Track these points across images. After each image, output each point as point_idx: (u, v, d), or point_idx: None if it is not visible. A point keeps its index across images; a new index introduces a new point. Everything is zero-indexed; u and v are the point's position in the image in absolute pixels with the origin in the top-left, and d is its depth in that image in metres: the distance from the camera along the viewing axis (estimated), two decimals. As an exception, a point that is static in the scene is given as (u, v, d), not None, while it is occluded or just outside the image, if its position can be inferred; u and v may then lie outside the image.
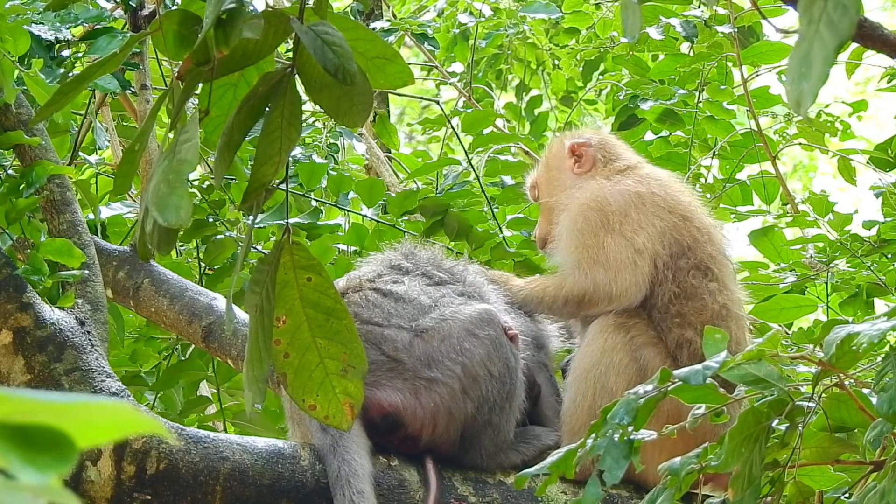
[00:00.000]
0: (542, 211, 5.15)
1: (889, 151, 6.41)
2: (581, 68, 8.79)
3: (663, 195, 4.89)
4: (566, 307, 4.80)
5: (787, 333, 6.00)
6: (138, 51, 5.52)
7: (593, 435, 3.13)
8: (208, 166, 6.36)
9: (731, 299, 4.76)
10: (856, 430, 3.51)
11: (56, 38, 4.85)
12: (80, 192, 5.50)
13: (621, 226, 4.77)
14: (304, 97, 3.11)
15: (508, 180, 6.59)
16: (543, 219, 5.12)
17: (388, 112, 8.82)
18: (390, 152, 8.12)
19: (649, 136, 7.50)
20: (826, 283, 6.08)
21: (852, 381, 3.39)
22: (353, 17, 7.99)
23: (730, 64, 7.42)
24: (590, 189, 4.92)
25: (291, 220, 5.87)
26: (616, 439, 3.08)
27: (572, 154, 5.06)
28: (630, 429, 3.09)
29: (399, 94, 9.19)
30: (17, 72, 4.47)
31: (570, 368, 4.68)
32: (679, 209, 4.84)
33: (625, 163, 5.03)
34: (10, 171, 4.71)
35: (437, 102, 7.90)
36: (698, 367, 3.14)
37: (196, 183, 5.98)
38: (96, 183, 6.55)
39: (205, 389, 6.19)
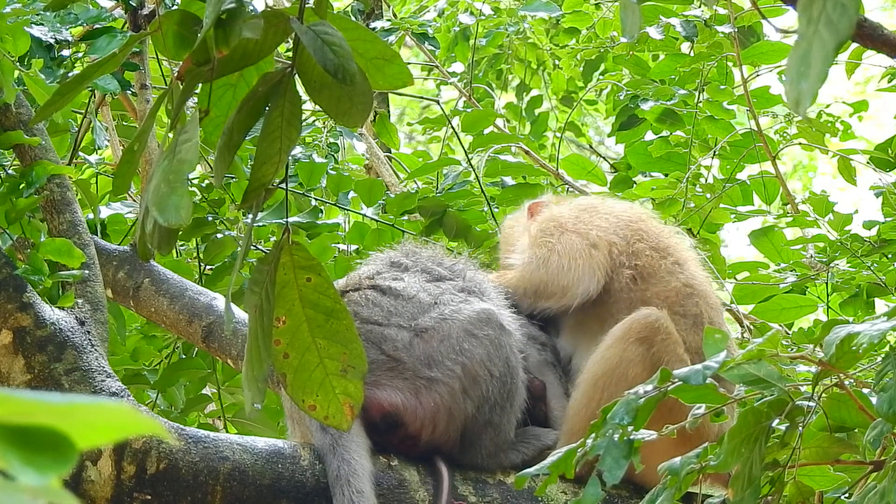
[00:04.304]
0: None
1: (889, 151, 6.41)
2: (581, 68, 8.78)
3: (616, 204, 5.05)
4: (525, 298, 4.81)
5: (787, 333, 6.00)
6: (138, 51, 5.52)
7: (593, 435, 3.13)
8: (208, 166, 6.36)
9: (695, 278, 4.76)
10: (856, 430, 3.50)
11: (56, 39, 4.85)
12: (80, 192, 5.49)
13: (575, 225, 4.86)
14: (304, 97, 3.11)
15: (509, 180, 6.59)
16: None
17: (388, 112, 8.81)
18: (390, 152, 8.11)
19: (649, 136, 7.50)
20: (826, 283, 6.08)
21: (852, 381, 3.40)
22: (353, 17, 7.99)
23: (730, 64, 7.42)
24: (545, 213, 5.01)
25: (291, 219, 5.86)
26: (616, 439, 3.08)
27: (531, 214, 5.13)
28: (630, 429, 3.09)
29: (399, 94, 9.18)
30: (17, 72, 4.47)
31: (583, 368, 4.63)
32: (634, 213, 4.97)
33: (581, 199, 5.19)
34: (10, 171, 4.70)
35: (438, 102, 7.90)
36: (698, 366, 3.14)
37: (196, 181, 5.98)
38: (96, 183, 6.55)
39: (205, 388, 6.19)
